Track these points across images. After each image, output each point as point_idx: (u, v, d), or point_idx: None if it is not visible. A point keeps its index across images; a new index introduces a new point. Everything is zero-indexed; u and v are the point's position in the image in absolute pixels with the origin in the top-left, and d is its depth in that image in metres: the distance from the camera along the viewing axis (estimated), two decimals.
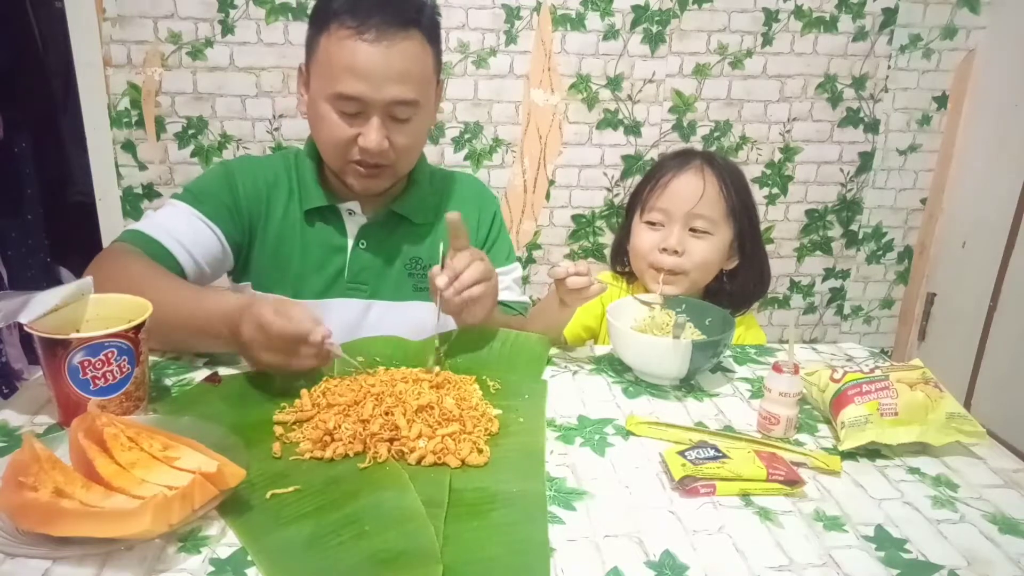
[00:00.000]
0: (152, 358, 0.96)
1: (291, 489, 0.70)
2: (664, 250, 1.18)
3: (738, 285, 1.24)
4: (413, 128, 1.06)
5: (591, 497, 0.73)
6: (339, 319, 1.12)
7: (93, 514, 0.61)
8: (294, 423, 0.82)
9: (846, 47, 2.15)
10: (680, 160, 1.21)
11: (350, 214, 1.15)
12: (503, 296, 1.23)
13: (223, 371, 0.94)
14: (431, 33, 1.05)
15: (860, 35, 2.14)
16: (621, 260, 1.30)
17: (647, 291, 1.19)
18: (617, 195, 2.19)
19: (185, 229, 1.07)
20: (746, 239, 1.21)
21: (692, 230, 1.18)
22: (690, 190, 1.17)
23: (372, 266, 1.16)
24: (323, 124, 1.04)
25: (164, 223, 1.06)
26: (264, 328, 0.82)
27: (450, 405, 0.83)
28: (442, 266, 0.95)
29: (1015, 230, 2.07)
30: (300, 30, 1.92)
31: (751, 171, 2.20)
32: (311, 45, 1.05)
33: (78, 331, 0.80)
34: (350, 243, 1.15)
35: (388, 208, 1.15)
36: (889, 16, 2.13)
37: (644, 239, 1.21)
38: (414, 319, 1.12)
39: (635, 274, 1.27)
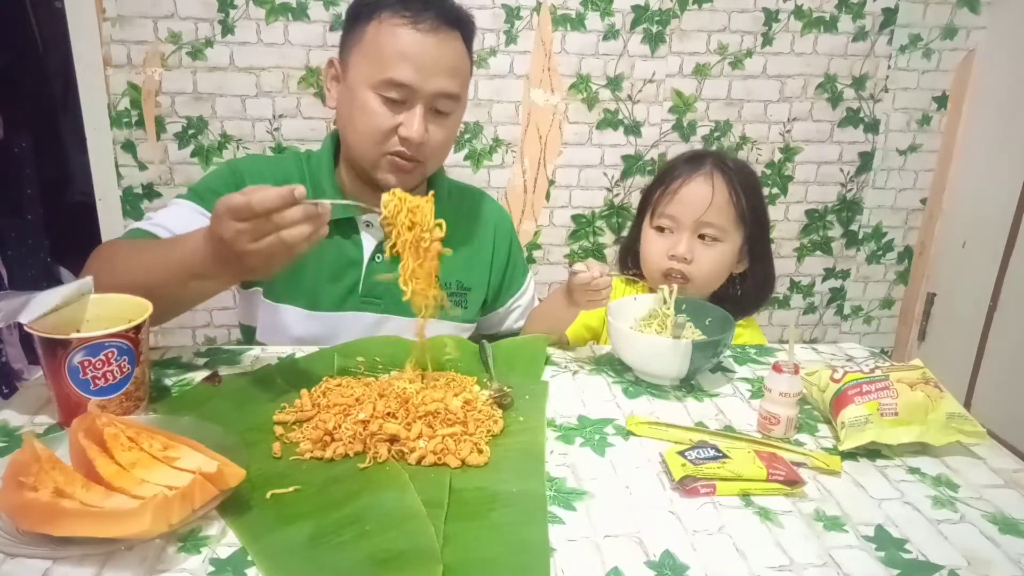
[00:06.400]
0: (153, 358, 0.96)
1: (291, 489, 0.70)
2: (673, 257, 1.17)
3: (747, 288, 1.24)
4: (450, 124, 1.08)
5: (591, 497, 0.73)
6: (353, 333, 1.10)
7: (93, 514, 0.61)
8: (294, 423, 0.82)
9: (846, 47, 2.14)
10: (691, 165, 1.19)
11: (367, 226, 1.13)
12: (514, 326, 1.29)
13: (223, 371, 0.95)
14: (468, 39, 1.07)
15: (860, 35, 2.14)
16: (630, 263, 1.29)
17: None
18: (617, 195, 2.19)
19: (188, 226, 1.03)
20: (756, 243, 1.21)
21: (701, 236, 1.17)
22: (699, 198, 1.16)
23: (387, 281, 1.14)
24: (362, 113, 1.03)
25: (166, 221, 1.04)
26: (242, 209, 0.76)
27: (456, 407, 0.83)
28: None
29: (1015, 230, 2.06)
30: (300, 30, 1.92)
31: None
32: (353, 34, 1.05)
33: (78, 331, 0.80)
34: (366, 257, 1.13)
35: None
36: (889, 16, 2.13)
37: (654, 245, 1.21)
38: (429, 335, 1.08)
39: (645, 276, 1.26)
